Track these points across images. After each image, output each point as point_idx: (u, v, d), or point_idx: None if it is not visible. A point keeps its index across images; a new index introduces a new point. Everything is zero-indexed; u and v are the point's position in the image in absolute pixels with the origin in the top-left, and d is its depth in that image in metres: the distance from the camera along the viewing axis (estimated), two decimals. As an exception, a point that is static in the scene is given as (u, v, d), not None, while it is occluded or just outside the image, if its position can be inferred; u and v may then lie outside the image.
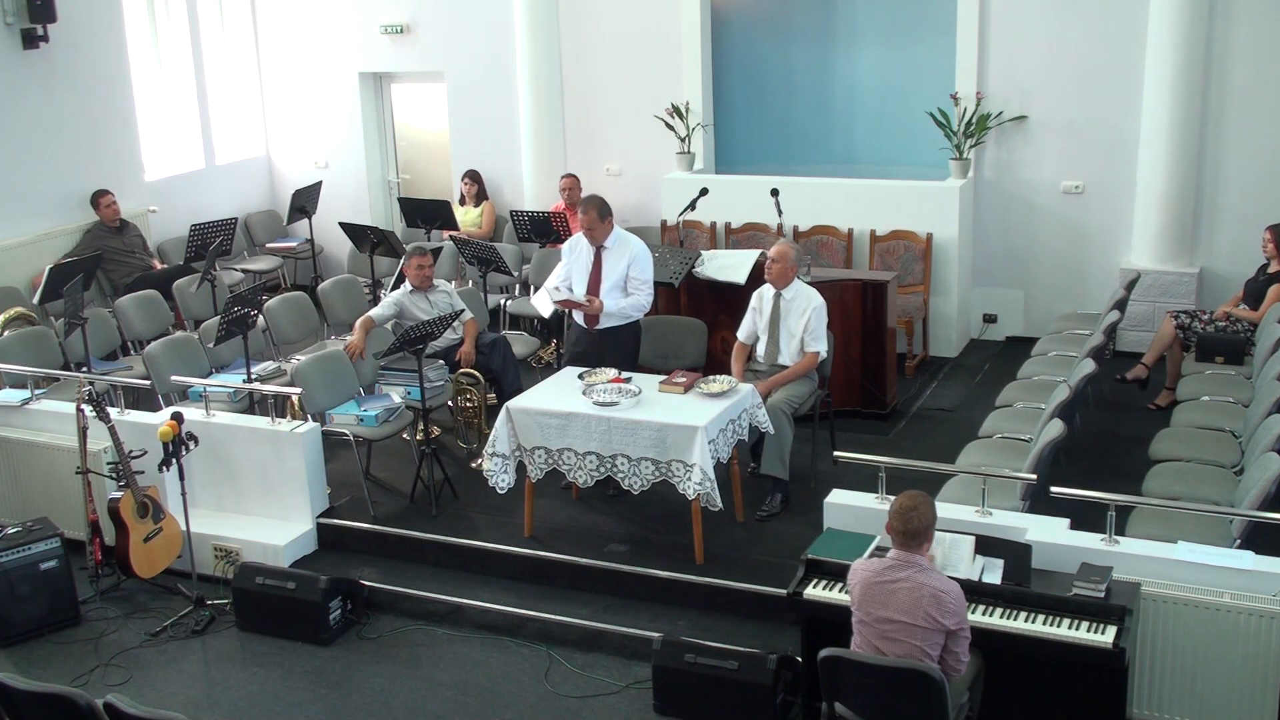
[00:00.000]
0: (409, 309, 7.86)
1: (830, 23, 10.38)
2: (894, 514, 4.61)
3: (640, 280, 7.34)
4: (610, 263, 7.31)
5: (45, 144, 10.03)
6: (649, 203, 10.76)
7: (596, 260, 7.32)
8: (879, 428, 8.10)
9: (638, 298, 7.35)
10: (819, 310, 7.06)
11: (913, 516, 4.56)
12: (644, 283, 7.36)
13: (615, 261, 7.31)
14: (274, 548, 6.86)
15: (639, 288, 7.34)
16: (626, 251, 7.33)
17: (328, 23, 11.90)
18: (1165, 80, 8.83)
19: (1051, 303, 9.57)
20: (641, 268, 7.35)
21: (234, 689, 5.94)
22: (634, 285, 7.34)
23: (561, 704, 5.66)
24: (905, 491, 4.70)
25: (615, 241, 7.33)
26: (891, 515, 4.62)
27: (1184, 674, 4.96)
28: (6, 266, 9.61)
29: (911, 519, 4.56)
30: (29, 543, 6.43)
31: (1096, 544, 5.14)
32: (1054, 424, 6.02)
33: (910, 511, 4.57)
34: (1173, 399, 7.67)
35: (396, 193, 12.26)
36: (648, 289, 7.38)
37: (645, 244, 7.48)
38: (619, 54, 10.80)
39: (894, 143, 10.23)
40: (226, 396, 7.70)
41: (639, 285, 7.34)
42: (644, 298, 7.37)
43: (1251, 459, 5.96)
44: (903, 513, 4.58)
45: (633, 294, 7.34)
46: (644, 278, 7.36)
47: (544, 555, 6.60)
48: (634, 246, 7.38)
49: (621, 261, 7.30)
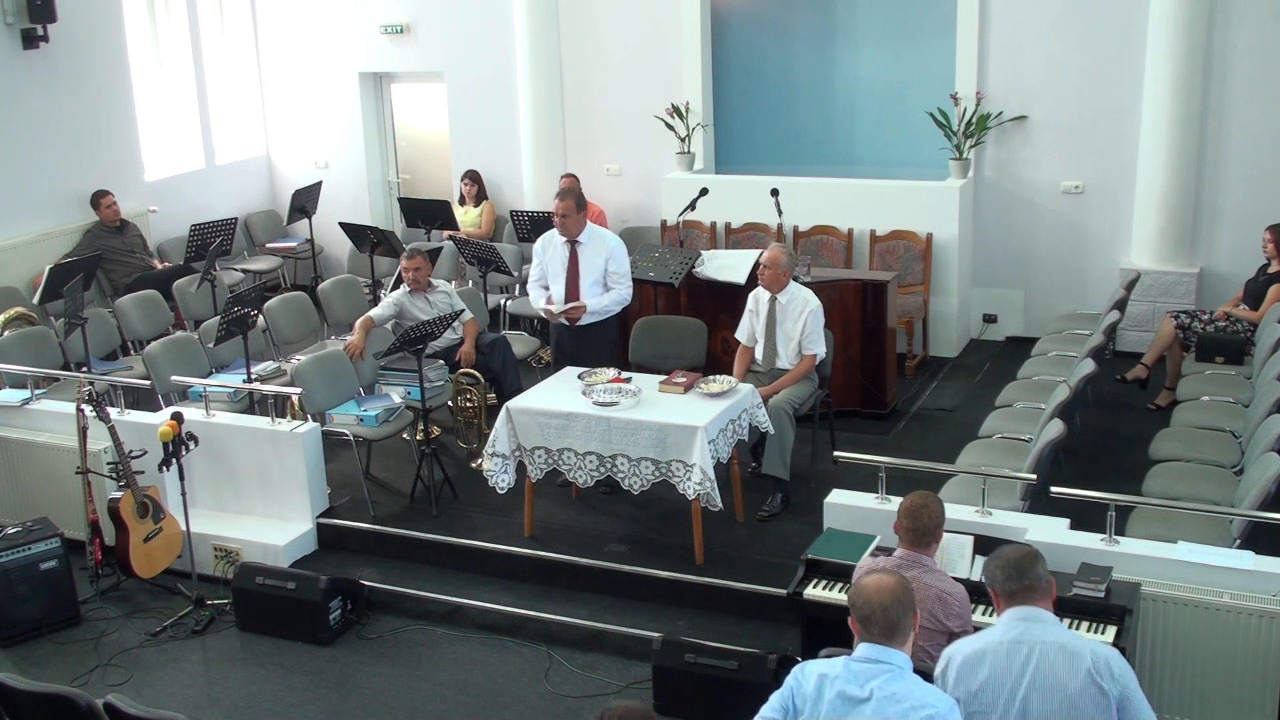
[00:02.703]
0: (408, 309, 7.86)
1: (830, 23, 10.38)
2: (904, 512, 4.58)
3: (619, 274, 7.40)
4: (587, 258, 7.33)
5: (45, 144, 10.03)
6: (649, 203, 10.76)
7: (572, 256, 7.33)
8: (879, 428, 8.10)
9: (619, 291, 7.41)
10: (815, 313, 7.05)
11: (923, 515, 4.54)
12: (623, 275, 7.43)
13: (592, 256, 7.34)
14: (274, 548, 6.86)
15: (618, 281, 7.40)
16: (603, 246, 7.38)
17: (328, 23, 11.90)
18: (1165, 80, 8.83)
19: (1051, 303, 9.57)
20: (619, 261, 7.42)
21: (234, 689, 5.94)
22: (614, 279, 7.39)
23: (561, 704, 5.66)
24: (916, 491, 4.69)
25: (590, 236, 7.37)
26: (901, 513, 4.59)
27: (1184, 674, 4.95)
28: (6, 266, 9.61)
29: (921, 517, 4.54)
30: (29, 543, 6.43)
31: (1096, 544, 5.14)
32: (1054, 424, 6.02)
33: (921, 510, 4.55)
34: (1173, 399, 7.68)
35: (396, 193, 12.26)
36: (627, 281, 7.46)
37: (621, 238, 7.57)
38: (619, 54, 10.80)
39: (894, 143, 10.23)
40: (226, 396, 7.70)
41: (618, 279, 7.40)
42: (625, 290, 7.45)
43: (1251, 459, 5.96)
44: (913, 511, 4.55)
45: (613, 288, 7.40)
46: (623, 270, 7.42)
47: (544, 555, 6.60)
48: (609, 240, 7.46)
49: (599, 256, 7.34)
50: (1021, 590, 3.84)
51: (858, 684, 3.54)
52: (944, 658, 3.91)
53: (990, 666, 3.77)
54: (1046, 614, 3.83)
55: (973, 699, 3.77)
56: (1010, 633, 3.79)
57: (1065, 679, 3.69)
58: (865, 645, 3.59)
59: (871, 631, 3.59)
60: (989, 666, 3.77)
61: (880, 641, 3.57)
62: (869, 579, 3.70)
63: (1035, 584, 3.85)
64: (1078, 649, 3.74)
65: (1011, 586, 3.85)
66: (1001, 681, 3.75)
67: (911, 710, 3.46)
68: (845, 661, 3.62)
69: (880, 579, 3.66)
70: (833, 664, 3.64)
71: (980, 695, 3.77)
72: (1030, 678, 3.72)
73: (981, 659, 3.79)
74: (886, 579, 3.67)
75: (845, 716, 3.53)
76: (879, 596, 3.59)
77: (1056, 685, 3.70)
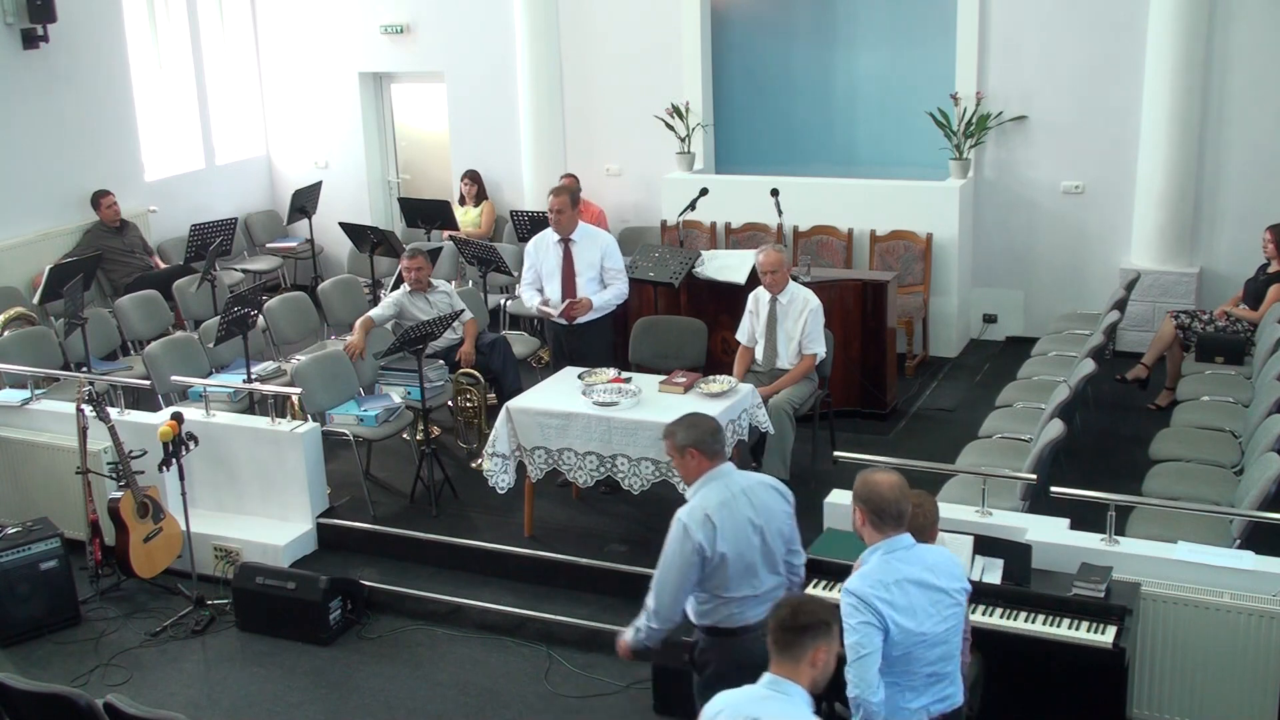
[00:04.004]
0: (409, 309, 7.85)
1: (830, 23, 10.38)
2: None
3: (616, 270, 7.47)
4: (582, 256, 7.37)
5: (45, 144, 10.03)
6: (649, 203, 10.76)
7: (566, 254, 7.36)
8: (879, 428, 8.09)
9: (617, 286, 7.48)
10: (815, 312, 7.05)
11: (916, 514, 4.53)
12: (620, 271, 7.51)
13: (587, 253, 7.38)
14: (274, 548, 6.86)
15: (615, 277, 7.47)
16: (597, 243, 7.44)
17: (328, 23, 11.90)
18: (1165, 80, 8.83)
19: (1051, 303, 9.56)
20: (615, 257, 7.49)
21: (234, 689, 5.94)
22: (610, 276, 7.45)
23: (561, 704, 5.66)
24: (911, 490, 4.68)
25: (583, 234, 7.41)
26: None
27: (1184, 674, 4.96)
28: (6, 266, 9.61)
29: (915, 517, 4.53)
30: (29, 543, 6.43)
31: (1096, 544, 5.14)
32: (1054, 424, 6.02)
33: (915, 509, 4.54)
34: (1173, 399, 7.67)
35: (396, 193, 12.26)
36: (624, 276, 7.54)
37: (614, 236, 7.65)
38: (619, 54, 10.80)
39: (894, 143, 10.22)
40: (226, 396, 7.70)
41: (615, 275, 7.47)
42: (624, 285, 7.53)
43: (1251, 459, 5.96)
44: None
45: (610, 284, 7.45)
46: (619, 266, 7.50)
47: (544, 555, 6.60)
48: (602, 237, 7.53)
49: (594, 252, 7.39)
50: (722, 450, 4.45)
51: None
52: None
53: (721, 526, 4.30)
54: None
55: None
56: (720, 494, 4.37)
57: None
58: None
59: (886, 523, 3.89)
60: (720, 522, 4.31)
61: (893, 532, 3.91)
62: (879, 476, 4.02)
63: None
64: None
65: (717, 448, 4.45)
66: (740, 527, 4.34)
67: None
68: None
69: (888, 477, 4.00)
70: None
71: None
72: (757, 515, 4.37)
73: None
74: (911, 497, 4.04)
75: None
76: (892, 491, 3.94)
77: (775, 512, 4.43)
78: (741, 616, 4.34)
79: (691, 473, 4.46)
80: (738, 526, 4.31)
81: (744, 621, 4.35)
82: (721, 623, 4.36)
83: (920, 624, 3.81)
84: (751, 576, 4.33)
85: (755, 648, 3.96)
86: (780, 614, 3.44)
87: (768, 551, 4.37)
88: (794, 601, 3.53)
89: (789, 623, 3.39)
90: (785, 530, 4.47)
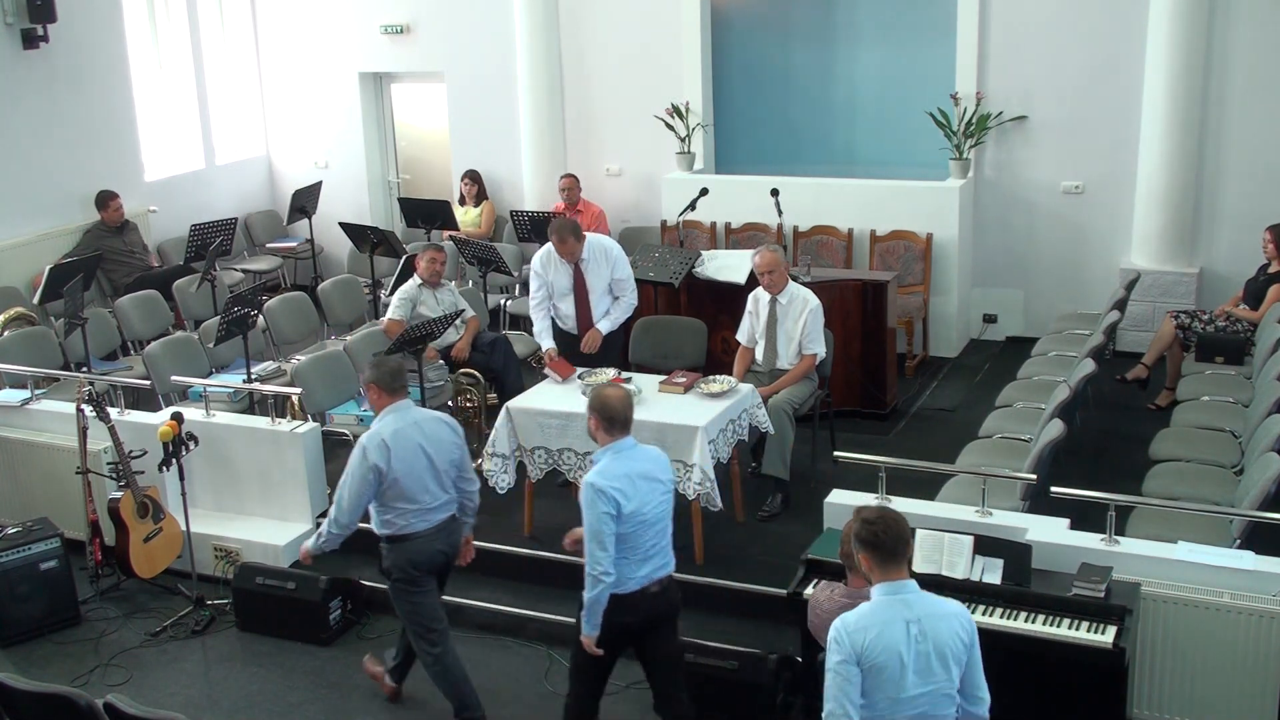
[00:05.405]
0: (419, 303, 7.86)
1: (830, 23, 10.38)
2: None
3: (624, 280, 7.52)
4: (592, 272, 7.44)
5: (45, 144, 10.03)
6: (649, 203, 10.76)
7: (578, 272, 7.40)
8: (879, 428, 8.09)
9: (626, 299, 7.54)
10: (815, 312, 7.05)
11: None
12: (627, 280, 7.55)
13: (597, 269, 7.45)
14: (274, 548, 6.86)
15: (624, 289, 7.53)
16: (606, 257, 7.47)
17: (328, 23, 11.89)
18: (1165, 80, 8.83)
19: (1051, 303, 9.57)
20: (622, 268, 7.53)
21: (234, 689, 5.94)
22: (620, 287, 7.50)
23: (561, 704, 5.64)
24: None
25: (591, 252, 7.42)
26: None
27: (1184, 674, 4.96)
28: (6, 266, 9.61)
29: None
30: (29, 543, 6.44)
31: (1096, 544, 5.14)
32: (1054, 424, 6.02)
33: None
34: (1173, 399, 7.67)
35: (396, 193, 12.26)
36: (632, 284, 7.58)
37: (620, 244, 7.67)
38: (619, 54, 10.80)
39: (894, 143, 10.22)
40: (226, 396, 7.70)
41: (624, 285, 7.52)
42: (632, 296, 7.57)
43: (1251, 459, 5.96)
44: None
45: (619, 296, 7.51)
46: (626, 275, 7.54)
47: (544, 555, 6.59)
48: (610, 249, 7.53)
49: (604, 267, 7.45)
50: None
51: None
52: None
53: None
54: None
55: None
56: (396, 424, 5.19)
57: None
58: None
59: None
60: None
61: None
62: (610, 390, 4.78)
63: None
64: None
65: (395, 386, 5.29)
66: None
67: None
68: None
69: (617, 391, 4.74)
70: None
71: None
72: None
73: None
74: (620, 391, 4.78)
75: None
76: (619, 403, 4.73)
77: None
78: (413, 526, 5.25)
79: (375, 405, 5.30)
80: (410, 450, 5.17)
81: (415, 530, 5.26)
82: (398, 532, 5.26)
83: (644, 508, 4.66)
84: (423, 492, 5.22)
85: (426, 548, 5.29)
86: (874, 532, 3.72)
87: (436, 473, 5.24)
88: (880, 522, 3.74)
89: (887, 540, 3.70)
90: (455, 457, 5.34)
